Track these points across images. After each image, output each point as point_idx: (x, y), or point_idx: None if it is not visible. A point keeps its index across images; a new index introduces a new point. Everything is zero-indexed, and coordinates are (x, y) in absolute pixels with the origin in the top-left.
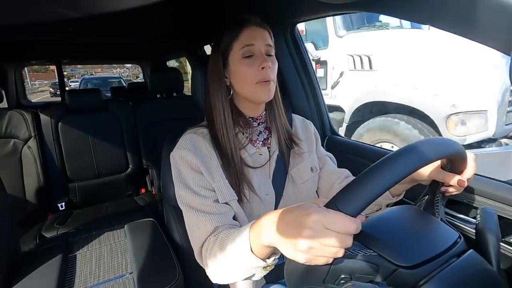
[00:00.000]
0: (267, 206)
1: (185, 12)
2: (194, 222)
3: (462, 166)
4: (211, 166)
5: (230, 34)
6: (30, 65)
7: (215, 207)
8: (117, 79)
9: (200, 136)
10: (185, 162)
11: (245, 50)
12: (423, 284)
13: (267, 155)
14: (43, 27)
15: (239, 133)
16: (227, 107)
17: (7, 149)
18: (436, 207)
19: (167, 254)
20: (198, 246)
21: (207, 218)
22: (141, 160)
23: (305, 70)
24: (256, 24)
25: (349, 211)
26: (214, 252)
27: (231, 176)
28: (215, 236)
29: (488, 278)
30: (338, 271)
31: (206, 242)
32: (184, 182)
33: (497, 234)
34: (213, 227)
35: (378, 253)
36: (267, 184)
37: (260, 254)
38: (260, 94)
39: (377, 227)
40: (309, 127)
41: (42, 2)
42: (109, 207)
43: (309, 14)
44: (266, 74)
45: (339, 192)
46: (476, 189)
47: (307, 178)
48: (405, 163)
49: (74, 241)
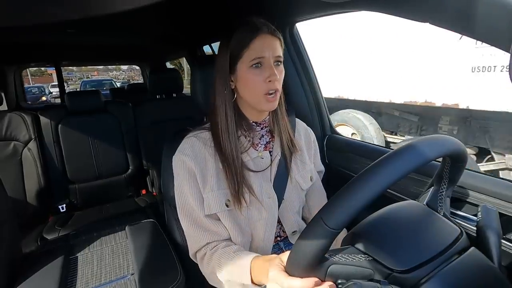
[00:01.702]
0: (268, 209)
1: (184, 13)
2: (187, 230)
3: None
4: (207, 172)
5: (241, 41)
6: (30, 67)
7: (207, 223)
8: (109, 81)
9: (201, 142)
10: (184, 168)
11: (256, 60)
12: (425, 282)
13: (268, 159)
14: (43, 29)
15: (241, 137)
16: (231, 110)
17: (7, 151)
18: (440, 200)
19: (168, 255)
20: (193, 251)
21: (199, 231)
22: (141, 161)
23: (304, 70)
24: (269, 32)
25: (332, 224)
26: (212, 267)
27: (231, 179)
28: (211, 251)
29: (489, 276)
30: (334, 276)
31: (200, 251)
32: (181, 188)
33: (498, 231)
34: (205, 242)
35: (373, 258)
36: (268, 187)
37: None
38: (264, 105)
39: (375, 227)
40: (311, 136)
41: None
42: (110, 209)
43: (308, 13)
44: (273, 85)
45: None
46: (476, 187)
47: (310, 185)
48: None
49: (75, 243)
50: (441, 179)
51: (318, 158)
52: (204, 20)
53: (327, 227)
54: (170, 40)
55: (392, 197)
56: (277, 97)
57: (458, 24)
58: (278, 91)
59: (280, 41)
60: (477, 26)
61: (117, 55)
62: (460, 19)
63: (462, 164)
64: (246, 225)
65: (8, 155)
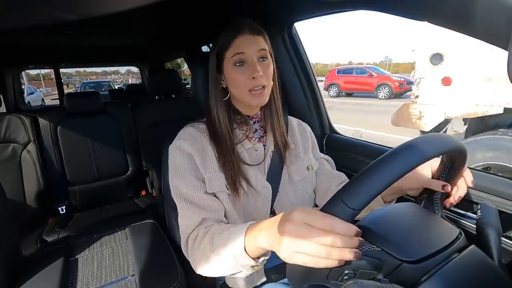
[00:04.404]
0: (264, 198)
1: (183, 13)
2: (184, 212)
3: (462, 163)
4: (206, 156)
5: (224, 42)
6: (28, 69)
7: (206, 200)
8: (107, 83)
9: (198, 130)
10: (181, 152)
11: (236, 58)
12: (425, 280)
13: (262, 151)
14: (41, 31)
15: (236, 129)
16: (223, 108)
17: (6, 153)
18: (436, 204)
19: (168, 256)
20: (185, 236)
21: (196, 209)
22: (141, 162)
23: (303, 70)
24: (250, 30)
25: (353, 204)
26: (204, 245)
27: (228, 170)
28: (205, 229)
29: (489, 273)
30: (342, 267)
31: (193, 232)
32: (177, 171)
33: (498, 229)
34: (201, 218)
35: (382, 249)
36: (262, 179)
37: (252, 254)
38: (252, 101)
39: (379, 223)
40: (306, 129)
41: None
42: (110, 210)
43: (306, 13)
44: (257, 82)
45: (343, 187)
46: (476, 185)
47: (304, 176)
48: (407, 158)
49: (75, 245)
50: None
51: (317, 148)
52: (203, 20)
53: (347, 207)
54: (169, 41)
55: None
56: (265, 92)
57: (457, 22)
58: (266, 87)
59: (264, 37)
60: (475, 24)
61: (116, 56)
62: (459, 18)
63: (460, 169)
64: (241, 212)
65: (7, 157)
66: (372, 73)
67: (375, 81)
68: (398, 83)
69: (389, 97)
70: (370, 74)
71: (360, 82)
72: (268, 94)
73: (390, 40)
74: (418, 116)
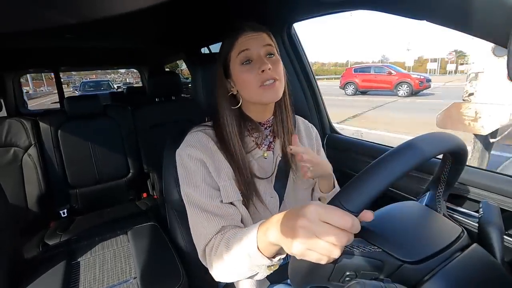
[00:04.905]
0: (271, 209)
1: (182, 15)
2: (199, 221)
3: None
4: (219, 165)
5: (226, 44)
6: (28, 73)
7: (222, 208)
8: (106, 82)
9: (207, 136)
10: (193, 160)
11: (242, 56)
12: (428, 279)
13: (271, 158)
14: (41, 35)
15: (247, 137)
16: (232, 116)
17: (7, 157)
18: (438, 202)
19: (170, 258)
20: (203, 245)
21: (214, 218)
22: (141, 165)
23: (303, 70)
24: (252, 29)
25: (351, 207)
26: (220, 250)
27: (241, 185)
28: (221, 235)
29: (492, 271)
30: (343, 268)
31: (211, 241)
32: (191, 180)
33: (500, 227)
34: (220, 226)
35: (383, 250)
36: (269, 188)
37: (266, 252)
38: (265, 97)
39: (380, 223)
40: (312, 132)
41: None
42: (111, 213)
43: (305, 13)
44: (267, 75)
45: (342, 189)
46: (478, 183)
47: (310, 184)
48: (407, 158)
49: (77, 248)
50: (439, 182)
51: (323, 153)
52: (202, 22)
53: (345, 209)
54: (168, 43)
55: (394, 195)
56: (277, 84)
57: (455, 21)
58: (277, 80)
59: (268, 34)
60: (474, 22)
61: (115, 59)
62: (457, 16)
63: (462, 166)
64: (250, 221)
65: (8, 161)
66: (391, 71)
67: (395, 79)
68: (418, 81)
69: (409, 95)
70: (389, 72)
71: (379, 80)
72: (281, 89)
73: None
74: (473, 117)
